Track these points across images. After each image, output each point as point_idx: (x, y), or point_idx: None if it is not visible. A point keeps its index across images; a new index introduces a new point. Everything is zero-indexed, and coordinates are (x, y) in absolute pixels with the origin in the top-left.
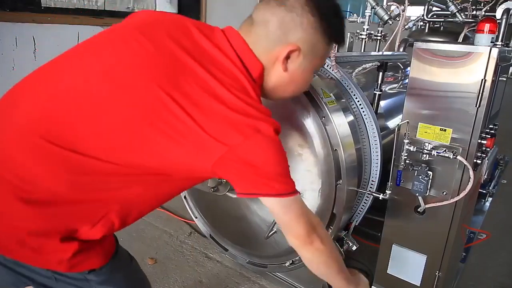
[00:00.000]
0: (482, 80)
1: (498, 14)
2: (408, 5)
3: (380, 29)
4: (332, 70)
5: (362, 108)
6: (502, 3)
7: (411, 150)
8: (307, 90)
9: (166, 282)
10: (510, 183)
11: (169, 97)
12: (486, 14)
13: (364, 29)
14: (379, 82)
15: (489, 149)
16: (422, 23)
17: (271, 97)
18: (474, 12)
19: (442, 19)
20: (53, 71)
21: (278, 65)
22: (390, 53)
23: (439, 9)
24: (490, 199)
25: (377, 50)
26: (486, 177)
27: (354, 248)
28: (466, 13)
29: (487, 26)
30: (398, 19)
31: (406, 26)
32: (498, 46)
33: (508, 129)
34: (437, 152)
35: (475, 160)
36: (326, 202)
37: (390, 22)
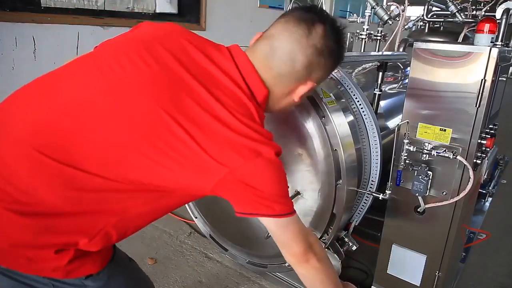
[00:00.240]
0: (482, 80)
1: (498, 14)
2: (408, 5)
3: (380, 29)
4: None
5: (362, 108)
6: (502, 3)
7: (411, 150)
8: None
9: (166, 282)
10: (510, 183)
11: (171, 117)
12: (486, 14)
13: (364, 29)
14: (379, 82)
15: (489, 149)
16: (422, 23)
17: (273, 113)
18: (474, 12)
19: (442, 19)
20: (54, 83)
21: (292, 96)
22: (390, 53)
23: (439, 9)
24: (490, 199)
25: (377, 50)
26: (486, 177)
27: (354, 248)
28: (466, 13)
29: (487, 26)
30: (398, 19)
31: (406, 26)
32: (498, 46)
33: (508, 129)
34: (437, 152)
35: (475, 160)
36: (326, 202)
37: (390, 22)
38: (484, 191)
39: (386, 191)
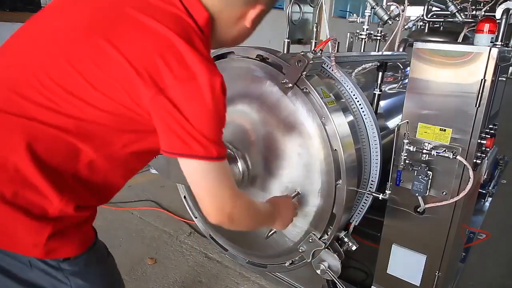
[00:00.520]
0: (482, 80)
1: (498, 14)
2: (407, 5)
3: (379, 29)
4: (332, 70)
5: (362, 108)
6: (502, 3)
7: (411, 150)
8: (307, 90)
9: (166, 282)
10: (510, 183)
11: (103, 39)
12: (486, 14)
13: (363, 29)
14: (379, 82)
15: (489, 149)
16: (421, 23)
17: (227, 45)
18: (474, 12)
19: (442, 19)
20: (12, 42)
21: (243, 22)
22: (389, 53)
23: (439, 9)
24: (490, 199)
25: (376, 50)
26: (486, 177)
27: (354, 248)
28: (465, 13)
29: (487, 26)
30: (397, 19)
31: (405, 26)
32: (497, 46)
33: (508, 129)
34: (436, 152)
35: (475, 160)
36: (326, 202)
37: (390, 22)
38: (484, 191)
39: (386, 191)
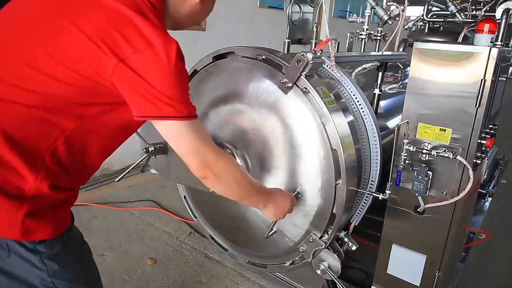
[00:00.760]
0: (482, 80)
1: (498, 14)
2: (407, 5)
3: (379, 29)
4: (332, 70)
5: (361, 108)
6: (502, 3)
7: (411, 150)
8: (307, 90)
9: (166, 282)
10: (509, 183)
11: (63, 18)
12: (486, 14)
13: (363, 29)
14: (379, 82)
15: (489, 149)
16: (421, 23)
17: (183, 25)
18: (474, 12)
19: (442, 19)
20: None
21: None
22: (389, 53)
23: (439, 9)
24: (490, 199)
25: (376, 50)
26: (485, 177)
27: (354, 248)
28: (465, 13)
29: (487, 26)
30: (397, 19)
31: (405, 26)
32: (497, 46)
33: (508, 129)
34: (436, 152)
35: (475, 160)
36: (326, 202)
37: (390, 22)
38: (484, 191)
39: (386, 191)
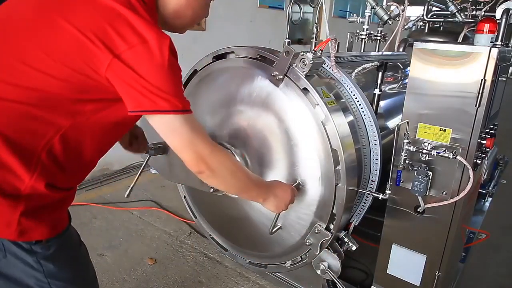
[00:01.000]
0: (482, 80)
1: (498, 14)
2: (407, 5)
3: (379, 29)
4: (332, 70)
5: (362, 108)
6: (502, 3)
7: (411, 150)
8: (307, 90)
9: (166, 282)
10: (510, 183)
11: (57, 15)
12: (486, 14)
13: (364, 29)
14: (379, 82)
15: (489, 149)
16: (421, 23)
17: (174, 25)
18: (474, 12)
19: (442, 19)
20: None
21: None
22: (389, 53)
23: (439, 9)
24: (490, 199)
25: (376, 50)
26: (485, 177)
27: (354, 248)
28: (465, 13)
29: (487, 26)
30: (397, 19)
31: (405, 26)
32: (497, 46)
33: (508, 129)
34: (436, 152)
35: (475, 160)
36: (326, 202)
37: (390, 22)
38: (484, 191)
39: (386, 191)
